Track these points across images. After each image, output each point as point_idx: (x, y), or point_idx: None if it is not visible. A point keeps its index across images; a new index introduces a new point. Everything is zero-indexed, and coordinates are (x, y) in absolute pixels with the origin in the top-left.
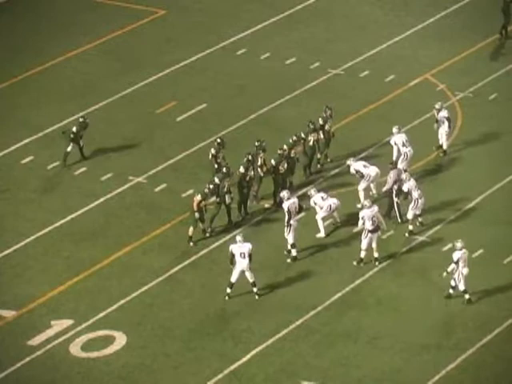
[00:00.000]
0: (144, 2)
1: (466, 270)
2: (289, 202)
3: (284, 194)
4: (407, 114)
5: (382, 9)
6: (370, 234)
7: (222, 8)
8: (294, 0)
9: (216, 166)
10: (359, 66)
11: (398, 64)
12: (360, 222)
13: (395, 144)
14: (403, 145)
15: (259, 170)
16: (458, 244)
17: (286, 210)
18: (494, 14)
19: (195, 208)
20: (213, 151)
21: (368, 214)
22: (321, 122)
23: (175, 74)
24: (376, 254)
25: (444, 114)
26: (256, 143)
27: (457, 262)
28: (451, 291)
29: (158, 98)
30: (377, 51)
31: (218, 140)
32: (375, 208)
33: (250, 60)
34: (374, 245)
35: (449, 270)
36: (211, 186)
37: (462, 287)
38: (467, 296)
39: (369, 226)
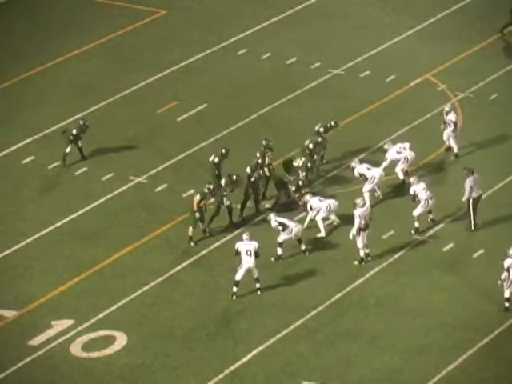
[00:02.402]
0: (144, 2)
1: None
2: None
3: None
4: (408, 114)
5: (382, 9)
6: (361, 232)
7: (223, 8)
8: (295, 0)
9: (216, 172)
10: (360, 66)
11: (399, 64)
12: (356, 221)
13: (386, 159)
14: (398, 153)
15: (266, 169)
16: (511, 252)
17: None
18: (494, 14)
19: (195, 208)
20: (216, 160)
21: (363, 213)
22: (322, 129)
23: (176, 74)
24: (367, 250)
25: (451, 117)
26: (263, 142)
27: (508, 270)
28: (507, 304)
29: (159, 98)
30: (377, 51)
31: (223, 151)
32: (368, 207)
33: (251, 60)
34: (365, 241)
35: (502, 277)
36: (211, 187)
37: (507, 294)
38: (507, 304)
39: (362, 224)
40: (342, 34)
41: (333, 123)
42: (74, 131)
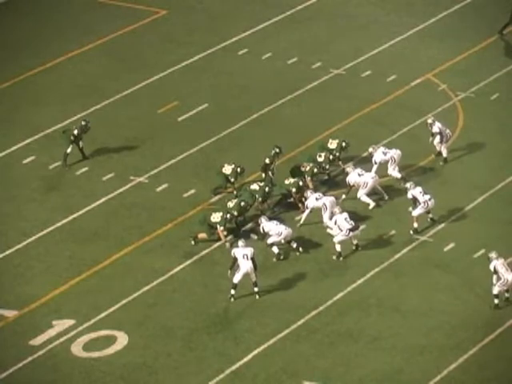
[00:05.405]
0: (145, 2)
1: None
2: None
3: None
4: (409, 113)
5: (383, 9)
6: (351, 233)
7: (224, 8)
8: (295, 0)
9: (230, 190)
10: (361, 65)
11: (400, 64)
12: (335, 227)
13: (375, 163)
14: (384, 154)
15: (270, 173)
16: (492, 254)
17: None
18: (495, 14)
19: (222, 237)
20: (232, 179)
21: (341, 218)
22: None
23: (177, 74)
24: (355, 244)
25: (436, 129)
26: (276, 149)
27: (496, 272)
28: (496, 301)
29: (160, 98)
30: (378, 51)
31: (239, 170)
32: (345, 213)
33: (252, 60)
34: (355, 242)
35: (494, 281)
36: (229, 216)
37: (495, 291)
38: (496, 301)
39: (347, 225)
40: (343, 34)
41: (344, 144)
42: (75, 131)
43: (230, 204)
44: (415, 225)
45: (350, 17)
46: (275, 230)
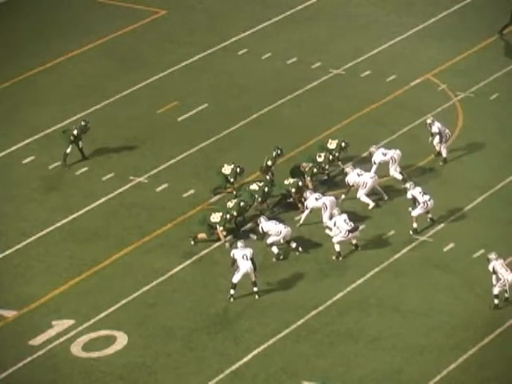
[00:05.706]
0: (145, 2)
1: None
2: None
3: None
4: (408, 113)
5: (383, 9)
6: (350, 234)
7: (224, 8)
8: (295, 0)
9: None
10: (360, 65)
11: (400, 64)
12: (334, 228)
13: (374, 163)
14: (383, 155)
15: (270, 174)
16: (492, 255)
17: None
18: (495, 14)
19: (221, 238)
20: (231, 179)
21: (340, 220)
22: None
23: (176, 74)
24: (355, 244)
25: (435, 129)
26: (278, 151)
27: (495, 272)
28: (496, 301)
29: (160, 98)
30: (378, 51)
31: (238, 170)
32: (344, 215)
33: (251, 60)
34: (354, 241)
35: (494, 282)
36: (228, 216)
37: (495, 291)
38: (496, 301)
39: (347, 227)
40: (343, 34)
41: (343, 144)
42: (75, 132)
43: (230, 204)
44: (415, 225)
45: (349, 17)
46: (274, 230)
